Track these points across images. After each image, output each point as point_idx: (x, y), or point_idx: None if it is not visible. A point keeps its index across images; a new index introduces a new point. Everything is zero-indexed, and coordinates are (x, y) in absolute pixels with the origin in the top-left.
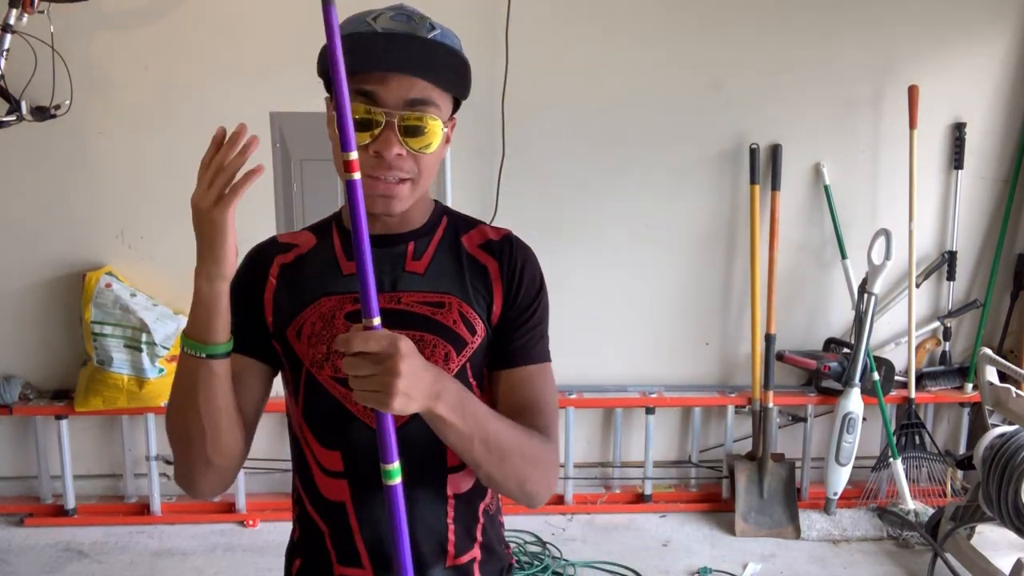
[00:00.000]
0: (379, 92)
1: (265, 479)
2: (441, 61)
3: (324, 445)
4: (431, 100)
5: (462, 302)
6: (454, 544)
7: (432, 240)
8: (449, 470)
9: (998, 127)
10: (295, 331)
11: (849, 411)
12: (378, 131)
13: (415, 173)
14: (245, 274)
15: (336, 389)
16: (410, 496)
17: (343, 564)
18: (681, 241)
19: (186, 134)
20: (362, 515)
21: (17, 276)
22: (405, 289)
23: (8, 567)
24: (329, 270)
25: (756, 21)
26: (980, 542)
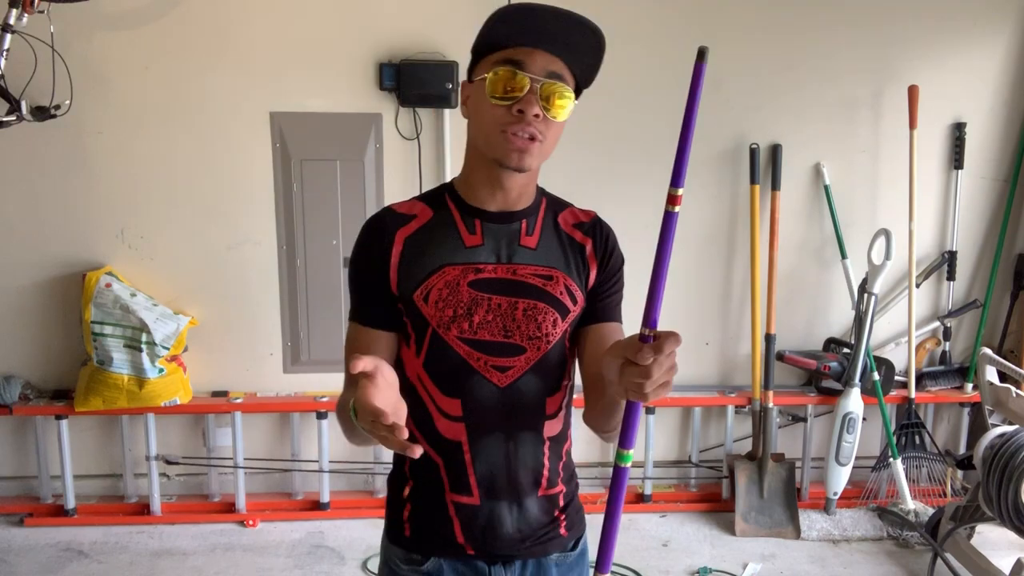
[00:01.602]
0: (525, 61)
1: (265, 479)
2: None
3: (445, 393)
4: (564, 77)
5: (567, 276)
6: (547, 478)
7: (538, 219)
8: (546, 417)
9: (998, 127)
10: (422, 295)
11: (849, 411)
12: (522, 91)
13: (545, 136)
14: (367, 248)
15: (461, 347)
16: (517, 437)
17: (455, 492)
18: (681, 241)
19: (186, 134)
20: (475, 452)
21: (17, 276)
22: (520, 262)
23: (8, 567)
24: (452, 241)
25: (756, 21)
26: (980, 542)
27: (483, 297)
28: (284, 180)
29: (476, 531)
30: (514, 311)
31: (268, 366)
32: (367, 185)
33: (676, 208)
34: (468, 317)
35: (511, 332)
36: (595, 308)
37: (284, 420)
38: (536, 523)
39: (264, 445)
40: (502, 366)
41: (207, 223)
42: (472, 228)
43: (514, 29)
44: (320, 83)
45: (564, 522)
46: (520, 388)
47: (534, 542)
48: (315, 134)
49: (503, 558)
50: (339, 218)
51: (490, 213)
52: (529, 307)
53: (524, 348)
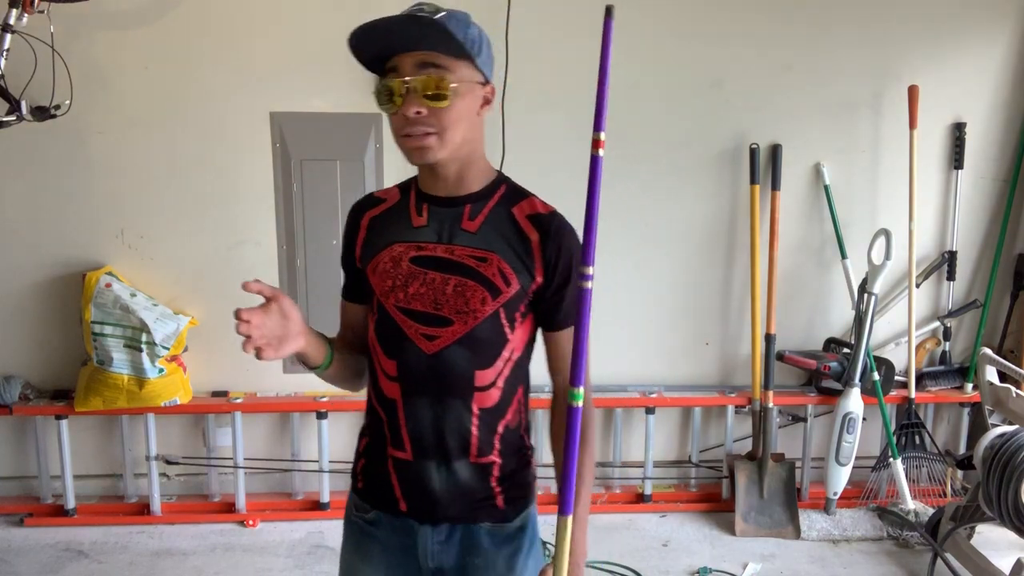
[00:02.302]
0: (398, 66)
1: (265, 479)
2: (427, 32)
3: (386, 355)
4: (440, 64)
5: (502, 260)
6: (476, 447)
7: (487, 205)
8: (476, 388)
9: (998, 127)
10: (373, 268)
11: (849, 411)
12: (400, 97)
13: (439, 126)
14: (346, 229)
15: (397, 315)
16: (444, 402)
17: (394, 447)
18: (681, 241)
19: (186, 134)
20: (408, 411)
21: (17, 276)
22: (459, 244)
23: (8, 567)
24: (403, 222)
25: (756, 21)
26: (980, 542)
27: (420, 272)
28: (284, 180)
29: (409, 487)
30: (445, 286)
31: (268, 366)
32: (367, 185)
33: (600, 152)
34: (404, 288)
35: (440, 305)
36: (550, 314)
37: (284, 420)
38: (465, 488)
39: (264, 445)
40: (430, 335)
41: (207, 223)
42: (420, 211)
43: (373, 48)
44: (320, 83)
45: (501, 494)
46: (447, 357)
47: (463, 507)
48: (315, 134)
49: (432, 519)
50: (339, 218)
51: (437, 198)
52: (459, 284)
53: (452, 320)
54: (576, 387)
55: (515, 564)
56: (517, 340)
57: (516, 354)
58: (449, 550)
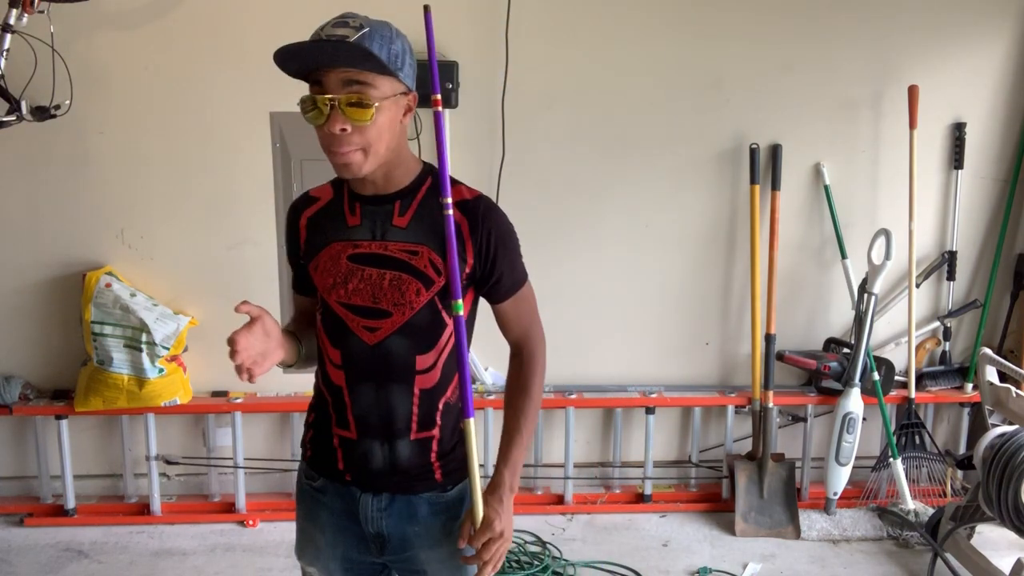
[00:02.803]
0: (323, 80)
1: (265, 479)
2: (350, 53)
3: (332, 345)
4: (364, 81)
5: (432, 251)
6: (416, 423)
7: (415, 199)
8: (417, 372)
9: (998, 127)
10: (314, 267)
11: (849, 411)
12: (325, 112)
13: (364, 143)
14: (287, 231)
15: (339, 309)
16: (387, 387)
17: (339, 427)
18: (681, 241)
19: (186, 134)
20: (353, 396)
21: (17, 276)
22: (391, 239)
23: (8, 567)
24: (338, 221)
25: (756, 21)
26: (980, 542)
27: (357, 268)
28: (284, 180)
29: (353, 462)
30: (382, 280)
31: None
32: None
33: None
34: (344, 285)
35: (379, 299)
36: (492, 289)
37: (284, 420)
38: (407, 463)
39: (264, 445)
40: (371, 327)
41: (207, 223)
42: (353, 210)
43: (297, 66)
44: None
45: (440, 469)
46: (388, 346)
47: (403, 479)
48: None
49: (373, 487)
50: None
51: (366, 197)
52: (395, 278)
53: (390, 312)
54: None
55: (452, 529)
56: (448, 319)
57: (446, 332)
58: (389, 518)
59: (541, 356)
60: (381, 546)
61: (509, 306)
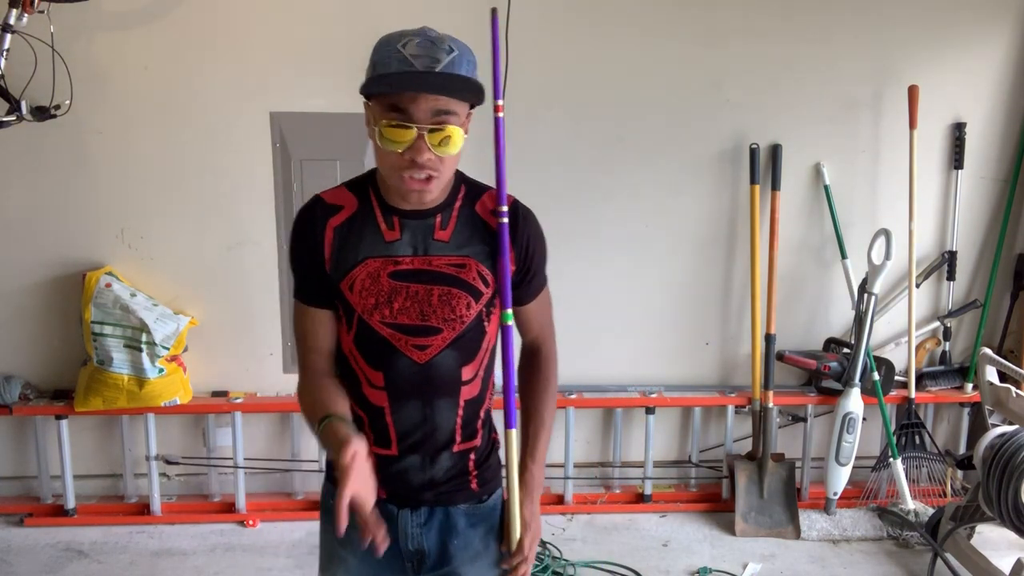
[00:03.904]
0: (409, 108)
1: (265, 479)
2: (456, 84)
3: (371, 366)
4: (450, 110)
5: (479, 263)
6: (460, 435)
7: (453, 211)
8: (463, 383)
9: (998, 127)
10: (348, 285)
11: (849, 411)
12: (410, 141)
13: (441, 171)
14: (303, 238)
15: (384, 330)
16: (433, 403)
17: (377, 445)
18: (681, 241)
19: (186, 134)
20: (395, 415)
21: (17, 276)
22: (435, 254)
23: (8, 567)
24: (373, 235)
25: (756, 21)
26: (980, 542)
27: (401, 286)
28: (284, 180)
29: (390, 479)
30: (430, 297)
31: (268, 366)
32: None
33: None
34: (388, 304)
35: (427, 316)
36: (521, 293)
37: (284, 420)
38: (445, 476)
39: (264, 445)
40: (421, 345)
41: (207, 223)
42: (391, 224)
43: (393, 87)
44: (320, 83)
45: (476, 478)
46: (438, 363)
47: (441, 492)
48: (315, 134)
49: (411, 503)
50: None
51: (406, 211)
52: (443, 293)
53: (440, 329)
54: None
55: (489, 541)
56: (492, 329)
57: (491, 342)
58: (428, 532)
59: (556, 353)
60: (419, 563)
61: (534, 306)
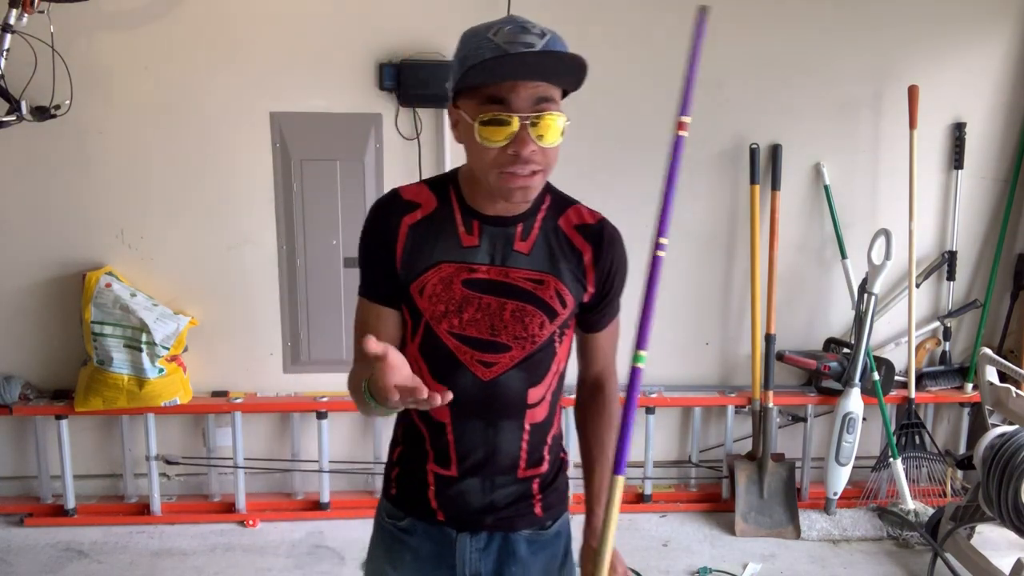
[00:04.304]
0: (509, 98)
1: (265, 479)
2: (560, 66)
3: (435, 378)
4: (552, 97)
5: (558, 281)
6: (525, 460)
7: (536, 222)
8: (528, 407)
9: (998, 127)
10: (418, 288)
11: (849, 411)
12: (512, 133)
13: (545, 164)
14: (376, 233)
15: (450, 340)
16: (497, 425)
17: (437, 464)
18: (681, 241)
19: (186, 134)
20: (457, 433)
21: (17, 276)
22: (513, 266)
23: (8, 567)
24: (450, 238)
25: (756, 21)
26: (980, 542)
27: (474, 296)
28: (284, 180)
29: (448, 500)
30: (502, 311)
31: (268, 366)
32: (367, 185)
33: (683, 133)
34: (458, 313)
35: (498, 331)
36: (591, 320)
37: (284, 420)
38: (507, 500)
39: (264, 445)
40: (487, 361)
41: (207, 223)
42: (470, 228)
43: (492, 75)
44: (320, 83)
45: (540, 501)
46: (503, 382)
47: (501, 517)
48: (315, 134)
49: (471, 527)
50: (339, 218)
51: (488, 216)
52: (517, 309)
53: (510, 346)
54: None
55: (551, 569)
56: (563, 352)
57: (562, 365)
58: (487, 558)
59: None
60: None
61: (604, 337)
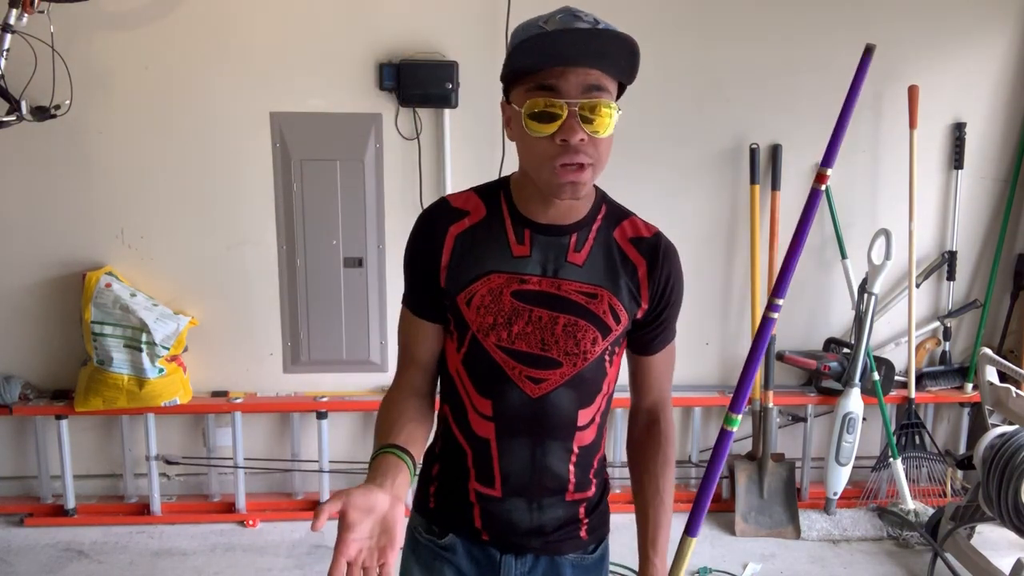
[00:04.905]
0: (559, 85)
1: (265, 479)
2: (611, 49)
3: (480, 392)
4: (604, 87)
5: (612, 296)
6: (573, 484)
7: (591, 232)
8: (577, 428)
9: (998, 127)
10: (466, 299)
11: (849, 411)
12: (561, 121)
13: (596, 157)
14: (421, 241)
15: (498, 354)
16: (544, 445)
17: (479, 482)
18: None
19: (186, 134)
20: (502, 451)
21: (17, 276)
22: (565, 277)
23: (8, 567)
24: (499, 248)
25: (756, 21)
26: (980, 542)
27: (524, 308)
28: (284, 180)
29: (494, 520)
30: (554, 325)
31: (268, 366)
32: (367, 185)
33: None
34: (507, 326)
35: (548, 346)
36: (645, 340)
37: (284, 420)
38: (555, 524)
39: (264, 445)
40: (536, 377)
41: (207, 223)
42: (521, 237)
43: (540, 56)
44: (320, 83)
45: (586, 525)
46: (552, 400)
47: (549, 540)
48: (315, 134)
49: (516, 549)
50: (339, 218)
51: (540, 225)
52: (569, 323)
53: (560, 363)
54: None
55: None
56: (613, 372)
57: (611, 387)
58: None
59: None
60: None
61: (660, 361)
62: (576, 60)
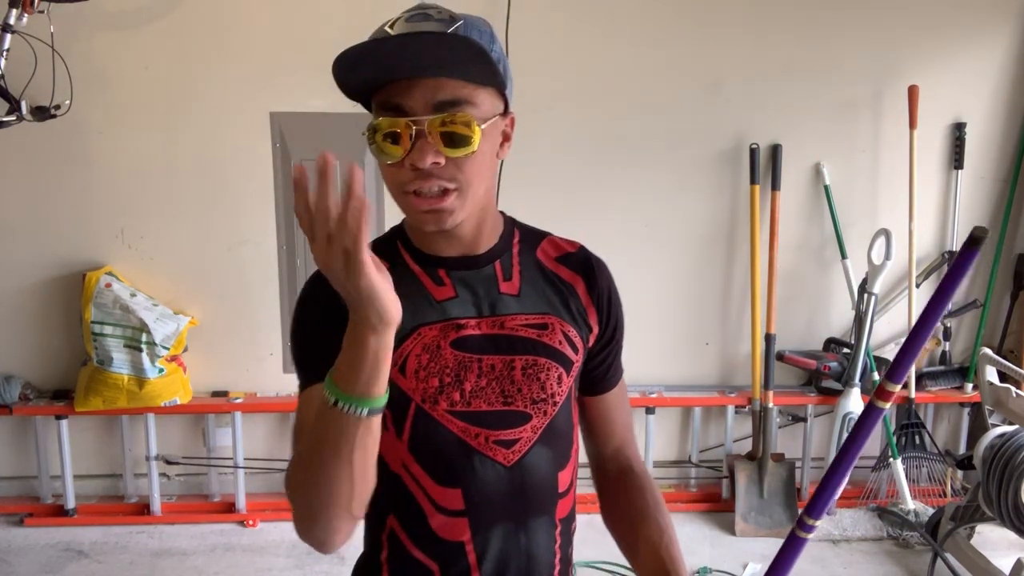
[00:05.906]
0: (405, 103)
1: (265, 479)
2: (463, 54)
3: (440, 483)
4: (463, 99)
5: (562, 322)
6: (559, 570)
7: (513, 258)
8: (559, 496)
9: (998, 127)
10: (398, 367)
11: (849, 411)
12: (409, 145)
13: (460, 181)
14: (318, 309)
15: (454, 423)
16: (528, 525)
17: None
18: (681, 241)
19: (186, 134)
20: (481, 551)
21: (17, 276)
22: (506, 312)
23: (8, 567)
24: (417, 296)
25: (756, 21)
26: (980, 542)
27: (471, 359)
28: (284, 180)
29: None
30: (511, 371)
31: (268, 366)
32: (367, 185)
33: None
34: (458, 385)
35: (511, 397)
36: (598, 374)
37: (284, 420)
38: None
39: (264, 445)
40: (506, 440)
41: (207, 223)
42: (438, 279)
43: (376, 68)
44: (320, 83)
45: None
46: (529, 464)
47: None
48: (315, 134)
49: None
50: None
51: (453, 259)
52: (527, 364)
53: (529, 414)
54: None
55: None
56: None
57: (578, 438)
58: None
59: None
60: None
61: (616, 396)
62: (420, 71)
